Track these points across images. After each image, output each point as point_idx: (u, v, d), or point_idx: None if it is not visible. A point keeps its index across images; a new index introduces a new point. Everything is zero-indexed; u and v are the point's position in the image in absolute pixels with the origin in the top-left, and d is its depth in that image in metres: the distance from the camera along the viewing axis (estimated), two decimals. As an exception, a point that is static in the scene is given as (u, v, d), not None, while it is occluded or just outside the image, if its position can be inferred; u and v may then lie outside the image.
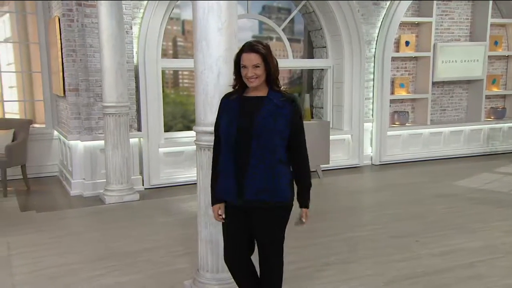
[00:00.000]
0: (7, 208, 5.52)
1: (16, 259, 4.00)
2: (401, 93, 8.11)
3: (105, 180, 5.78)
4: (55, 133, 7.10)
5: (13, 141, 6.17)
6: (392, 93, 8.01)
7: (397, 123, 8.10)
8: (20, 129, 6.30)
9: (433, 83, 8.23)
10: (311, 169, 7.02)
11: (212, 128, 2.91)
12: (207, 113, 2.93)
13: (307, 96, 7.03)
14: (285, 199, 2.50)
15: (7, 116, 7.50)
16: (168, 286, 3.48)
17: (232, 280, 3.12)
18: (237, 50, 2.99)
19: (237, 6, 7.36)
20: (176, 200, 5.76)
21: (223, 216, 2.61)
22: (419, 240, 4.38)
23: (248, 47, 2.48)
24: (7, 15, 7.59)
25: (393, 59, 7.88)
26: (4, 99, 7.64)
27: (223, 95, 2.93)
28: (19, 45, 7.29)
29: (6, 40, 7.70)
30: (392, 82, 8.02)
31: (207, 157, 2.96)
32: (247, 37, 8.08)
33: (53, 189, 6.45)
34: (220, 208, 2.60)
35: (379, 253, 4.09)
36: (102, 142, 5.80)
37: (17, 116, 7.52)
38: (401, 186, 6.52)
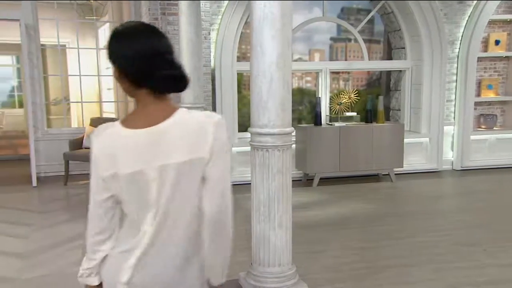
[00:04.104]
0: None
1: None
2: (489, 95, 7.67)
3: (182, 176, 6.21)
4: (143, 131, 7.74)
5: (106, 138, 6.86)
6: (478, 95, 7.61)
7: (483, 126, 7.67)
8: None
9: (527, 85, 7.68)
10: (384, 172, 6.97)
11: (264, 130, 3.11)
12: (260, 115, 3.12)
13: (380, 98, 6.94)
14: None
15: (105, 115, 8.36)
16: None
17: (283, 274, 3.29)
18: (290, 57, 3.16)
19: (314, 9, 7.55)
20: (247, 197, 6.01)
21: None
22: (486, 249, 4.20)
23: None
24: (107, 24, 8.45)
25: (480, 59, 7.47)
26: (103, 100, 8.51)
27: (275, 100, 3.11)
28: (115, 51, 8.05)
29: (105, 47, 8.58)
30: (479, 84, 7.61)
31: (259, 157, 3.16)
32: (325, 39, 8.17)
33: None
34: None
35: (441, 259, 4.00)
36: (180, 140, 6.23)
37: (114, 115, 8.33)
38: (480, 193, 6.21)
